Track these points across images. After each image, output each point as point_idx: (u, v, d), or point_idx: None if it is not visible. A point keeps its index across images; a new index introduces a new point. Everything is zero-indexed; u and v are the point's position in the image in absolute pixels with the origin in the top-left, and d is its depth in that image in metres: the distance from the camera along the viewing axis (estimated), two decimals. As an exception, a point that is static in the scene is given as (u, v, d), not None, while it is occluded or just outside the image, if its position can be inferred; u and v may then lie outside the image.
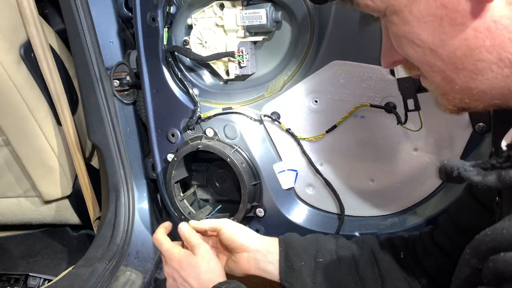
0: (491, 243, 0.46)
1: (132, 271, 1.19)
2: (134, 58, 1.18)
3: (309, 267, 0.88)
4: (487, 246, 0.47)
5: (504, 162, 0.48)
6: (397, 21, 0.52)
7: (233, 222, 0.96)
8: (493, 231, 0.47)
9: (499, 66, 0.49)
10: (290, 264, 0.88)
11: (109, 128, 1.18)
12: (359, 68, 0.96)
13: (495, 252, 0.45)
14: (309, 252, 0.90)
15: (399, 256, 0.86)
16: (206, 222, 0.95)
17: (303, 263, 0.88)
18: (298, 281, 0.87)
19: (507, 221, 0.46)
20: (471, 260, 0.50)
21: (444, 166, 0.52)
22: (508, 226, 0.45)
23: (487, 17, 0.47)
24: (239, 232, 0.93)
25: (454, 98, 0.55)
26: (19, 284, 1.39)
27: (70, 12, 1.10)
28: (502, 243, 0.45)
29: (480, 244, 0.48)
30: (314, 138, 1.05)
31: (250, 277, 0.95)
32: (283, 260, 0.89)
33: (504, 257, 0.44)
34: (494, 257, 0.45)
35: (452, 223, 0.80)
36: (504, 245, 0.45)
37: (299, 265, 0.88)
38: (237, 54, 1.04)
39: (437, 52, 0.51)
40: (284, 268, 0.89)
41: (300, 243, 0.92)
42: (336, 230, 1.06)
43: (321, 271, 0.87)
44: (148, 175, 1.27)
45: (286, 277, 0.88)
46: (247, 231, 0.95)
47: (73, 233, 1.55)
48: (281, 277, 0.89)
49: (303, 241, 0.93)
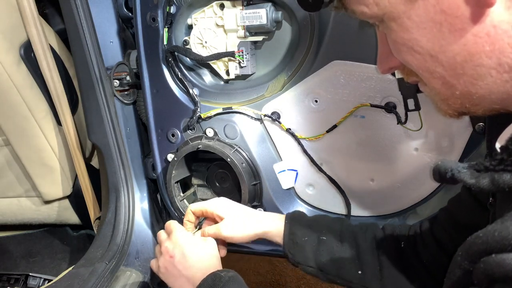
0: (482, 245, 0.46)
1: (132, 271, 1.19)
2: (134, 58, 1.18)
3: (312, 243, 0.90)
4: (479, 248, 0.47)
5: (498, 165, 0.48)
6: (395, 27, 0.52)
7: (230, 223, 0.93)
8: (484, 233, 0.47)
9: (499, 71, 0.49)
10: (293, 237, 0.91)
11: (109, 128, 1.18)
12: (359, 68, 0.96)
13: (486, 254, 0.45)
14: (314, 229, 0.91)
15: (399, 245, 0.87)
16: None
17: (306, 238, 0.90)
18: (301, 255, 0.90)
19: (499, 223, 0.46)
20: (462, 262, 0.50)
21: (437, 167, 0.52)
22: (500, 228, 0.45)
23: (487, 22, 0.47)
24: (239, 233, 0.93)
25: (455, 103, 0.54)
26: (19, 284, 1.39)
27: (70, 12, 1.10)
28: (493, 245, 0.45)
29: (472, 246, 0.48)
30: (314, 138, 1.05)
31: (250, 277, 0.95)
32: (287, 234, 0.91)
33: (495, 259, 0.44)
34: (485, 259, 0.45)
35: (450, 219, 0.80)
36: (495, 247, 0.44)
37: (302, 240, 0.90)
38: (237, 54, 1.04)
39: (437, 58, 0.51)
40: (288, 241, 0.91)
41: (306, 219, 0.94)
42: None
43: (323, 249, 0.89)
44: (148, 175, 1.27)
45: (289, 248, 0.91)
46: (247, 227, 0.93)
47: (73, 233, 1.55)
48: (285, 248, 0.91)
49: (309, 218, 0.94)
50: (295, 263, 0.92)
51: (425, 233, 0.85)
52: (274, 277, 1.86)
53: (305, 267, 0.90)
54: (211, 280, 0.81)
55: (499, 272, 0.43)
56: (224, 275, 0.81)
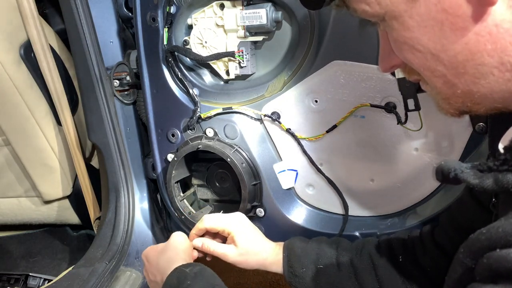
0: (486, 241, 0.46)
1: (132, 271, 1.19)
2: (134, 58, 1.18)
3: (311, 273, 0.90)
4: (482, 244, 0.47)
5: (501, 165, 0.48)
6: (397, 26, 0.52)
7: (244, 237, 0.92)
8: (488, 230, 0.47)
9: (500, 70, 0.48)
10: (292, 270, 0.90)
11: (109, 128, 1.18)
12: (359, 68, 0.96)
13: (490, 249, 0.45)
14: (310, 258, 0.91)
15: (397, 260, 0.85)
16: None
17: (304, 269, 0.90)
18: (302, 286, 0.90)
19: (503, 221, 0.46)
20: (464, 259, 0.50)
21: (441, 167, 0.52)
22: (504, 224, 0.45)
23: (489, 21, 0.46)
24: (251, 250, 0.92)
25: (456, 102, 0.54)
26: (19, 284, 1.39)
27: (70, 12, 1.10)
28: (497, 241, 0.45)
29: (475, 242, 0.48)
30: (314, 138, 1.05)
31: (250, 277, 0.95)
32: (286, 267, 0.91)
33: (499, 254, 0.44)
34: (489, 254, 0.45)
35: (452, 222, 0.80)
36: (499, 242, 0.44)
37: (300, 271, 0.90)
38: (237, 54, 1.04)
39: (439, 57, 0.51)
40: (288, 274, 0.91)
41: (302, 248, 0.93)
42: (339, 230, 1.06)
43: (322, 278, 0.89)
44: (148, 175, 1.27)
45: (291, 281, 0.91)
46: (257, 244, 0.93)
47: (73, 233, 1.55)
48: (287, 280, 0.91)
49: (305, 246, 0.93)
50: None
51: (425, 240, 0.84)
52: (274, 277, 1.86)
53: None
54: (176, 279, 0.78)
55: (503, 267, 0.43)
56: (189, 271, 0.77)
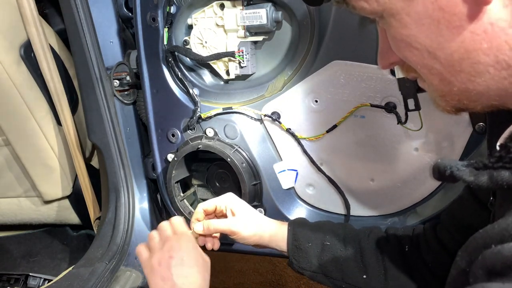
0: (481, 239, 0.47)
1: (132, 271, 1.19)
2: (134, 58, 1.18)
3: (316, 248, 0.90)
4: (478, 243, 0.47)
5: (496, 162, 0.48)
6: (394, 23, 0.52)
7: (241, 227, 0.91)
8: (484, 229, 0.47)
9: (496, 68, 0.49)
10: (297, 243, 0.90)
11: (109, 128, 1.18)
12: (359, 68, 0.96)
13: (485, 248, 0.45)
14: (317, 235, 0.91)
15: (403, 249, 0.87)
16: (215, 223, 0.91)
17: (310, 244, 0.90)
18: (305, 261, 0.90)
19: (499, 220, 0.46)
20: (460, 262, 0.50)
21: (437, 165, 0.52)
22: (500, 222, 0.45)
23: (484, 19, 0.47)
24: (249, 235, 0.91)
25: (452, 100, 0.55)
26: (19, 284, 1.39)
27: (70, 12, 1.10)
28: (493, 237, 0.45)
29: (471, 242, 0.48)
30: (314, 138, 1.05)
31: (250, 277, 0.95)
32: (290, 239, 0.91)
33: (494, 250, 0.44)
34: (484, 252, 0.45)
35: (453, 220, 0.80)
36: (495, 239, 0.44)
37: (306, 245, 0.90)
38: (237, 54, 1.04)
39: (435, 54, 0.51)
40: (292, 247, 0.91)
41: (309, 224, 0.94)
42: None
43: (327, 254, 0.89)
44: (148, 175, 1.27)
45: (293, 254, 0.91)
46: (254, 213, 0.92)
47: (73, 233, 1.55)
48: (289, 254, 0.91)
49: (311, 224, 0.94)
50: (299, 269, 0.91)
51: (428, 236, 0.85)
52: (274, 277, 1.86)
53: (310, 273, 0.90)
54: None
55: (499, 262, 0.43)
56: None
